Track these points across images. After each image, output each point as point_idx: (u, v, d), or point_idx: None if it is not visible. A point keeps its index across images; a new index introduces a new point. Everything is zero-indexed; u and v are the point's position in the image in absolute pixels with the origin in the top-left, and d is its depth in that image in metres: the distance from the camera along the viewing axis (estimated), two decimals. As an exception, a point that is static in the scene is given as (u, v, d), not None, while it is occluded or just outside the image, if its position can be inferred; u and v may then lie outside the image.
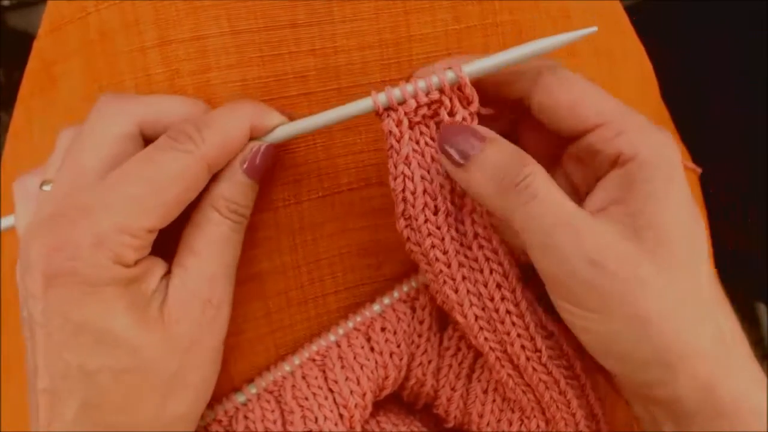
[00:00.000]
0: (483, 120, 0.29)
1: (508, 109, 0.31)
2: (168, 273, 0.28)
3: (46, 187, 0.29)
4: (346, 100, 0.33)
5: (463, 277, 0.29)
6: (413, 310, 0.33)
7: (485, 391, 0.33)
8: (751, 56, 0.53)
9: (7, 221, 0.36)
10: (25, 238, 0.26)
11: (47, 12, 0.36)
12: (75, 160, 0.28)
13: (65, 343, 0.25)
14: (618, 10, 0.40)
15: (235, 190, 0.29)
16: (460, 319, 0.30)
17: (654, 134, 0.28)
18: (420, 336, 0.33)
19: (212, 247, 0.29)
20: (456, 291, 0.29)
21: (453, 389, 0.33)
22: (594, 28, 0.29)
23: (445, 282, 0.29)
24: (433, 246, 0.29)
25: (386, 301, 0.33)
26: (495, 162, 0.27)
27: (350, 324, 0.33)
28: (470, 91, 0.28)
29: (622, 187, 0.27)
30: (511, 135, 0.32)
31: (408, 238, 0.30)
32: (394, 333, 0.32)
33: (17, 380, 0.41)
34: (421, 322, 0.33)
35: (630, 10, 0.41)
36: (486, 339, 0.30)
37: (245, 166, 0.29)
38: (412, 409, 0.36)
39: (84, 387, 0.26)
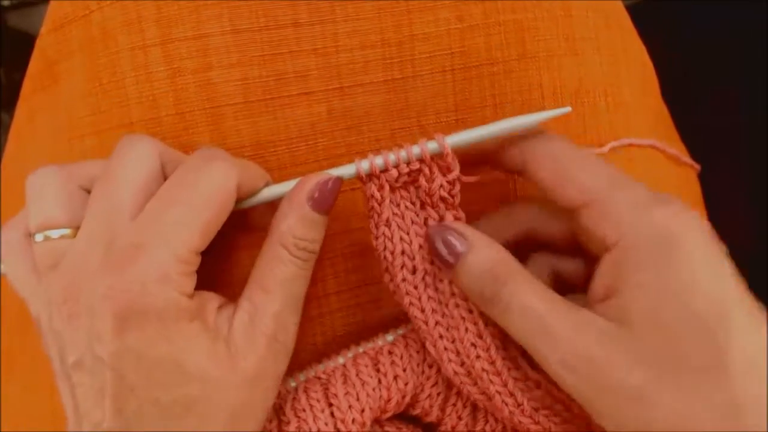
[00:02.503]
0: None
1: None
2: (222, 306, 0.28)
3: (39, 237, 0.28)
4: (348, 99, 0.33)
5: (440, 336, 0.30)
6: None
7: (491, 416, 0.33)
8: (751, 56, 0.53)
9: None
10: (79, 284, 0.26)
11: (50, 10, 0.36)
12: (109, 198, 0.27)
13: (139, 382, 0.25)
14: (619, 9, 0.40)
15: (305, 226, 0.28)
16: (442, 371, 0.31)
17: (644, 212, 0.25)
18: (430, 367, 0.32)
19: (282, 284, 0.28)
20: (434, 346, 0.30)
21: (459, 417, 0.33)
22: (568, 108, 0.28)
23: (425, 337, 0.30)
24: (411, 304, 0.30)
25: (399, 331, 0.33)
26: (475, 272, 0.27)
27: (360, 349, 0.33)
28: (451, 161, 0.28)
29: (614, 275, 0.26)
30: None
31: (393, 292, 0.31)
32: (401, 357, 0.32)
33: (17, 380, 0.41)
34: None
35: (630, 10, 0.41)
36: (469, 391, 0.30)
37: (312, 201, 0.28)
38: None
39: (158, 421, 0.26)
